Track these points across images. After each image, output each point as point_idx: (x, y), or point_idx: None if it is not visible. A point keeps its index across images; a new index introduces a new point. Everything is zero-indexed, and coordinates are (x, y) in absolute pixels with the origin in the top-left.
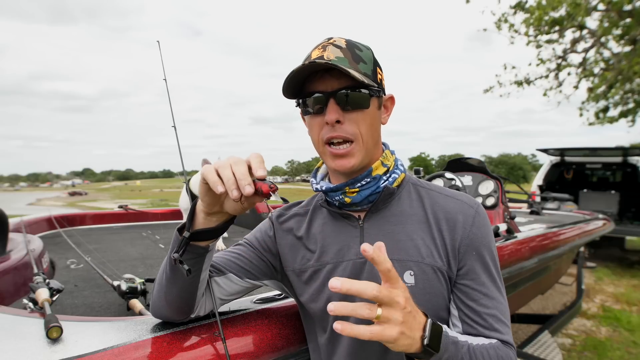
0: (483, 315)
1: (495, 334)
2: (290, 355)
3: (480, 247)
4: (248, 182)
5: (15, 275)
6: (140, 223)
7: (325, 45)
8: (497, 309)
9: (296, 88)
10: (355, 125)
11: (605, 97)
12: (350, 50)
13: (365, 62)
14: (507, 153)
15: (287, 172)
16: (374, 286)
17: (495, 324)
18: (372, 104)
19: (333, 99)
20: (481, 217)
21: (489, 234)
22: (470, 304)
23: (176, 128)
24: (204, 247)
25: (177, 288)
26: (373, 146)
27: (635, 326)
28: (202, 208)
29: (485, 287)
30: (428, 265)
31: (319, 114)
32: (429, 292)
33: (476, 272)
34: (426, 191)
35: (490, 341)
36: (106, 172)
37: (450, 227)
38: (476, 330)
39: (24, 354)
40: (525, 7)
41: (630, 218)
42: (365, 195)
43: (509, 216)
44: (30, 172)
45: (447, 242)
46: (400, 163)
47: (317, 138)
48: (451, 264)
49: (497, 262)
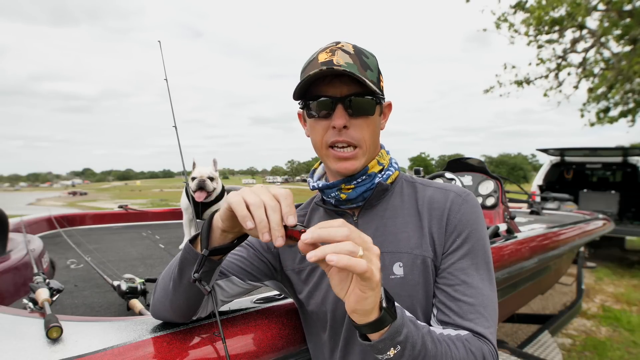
0: (457, 302)
1: (468, 323)
2: (290, 355)
3: (466, 233)
4: (281, 234)
5: (15, 275)
6: (140, 223)
7: (333, 49)
8: (476, 298)
9: (302, 90)
10: (360, 131)
11: (605, 98)
12: (359, 56)
13: (371, 69)
14: (507, 153)
15: (287, 172)
16: (344, 229)
17: (470, 314)
18: (375, 111)
19: (341, 105)
20: (469, 205)
21: (478, 223)
22: (446, 290)
23: (177, 128)
24: (216, 262)
25: (184, 297)
26: (374, 150)
27: (635, 326)
28: (220, 226)
29: (466, 274)
30: (418, 255)
31: (324, 118)
32: (417, 283)
33: (457, 258)
34: (420, 187)
35: (459, 332)
36: (106, 172)
37: (438, 215)
38: (448, 317)
39: (24, 354)
40: (525, 7)
41: (630, 218)
42: (360, 191)
43: (509, 216)
44: (30, 172)
45: (435, 230)
46: (395, 162)
47: (320, 140)
48: (437, 252)
49: (486, 252)
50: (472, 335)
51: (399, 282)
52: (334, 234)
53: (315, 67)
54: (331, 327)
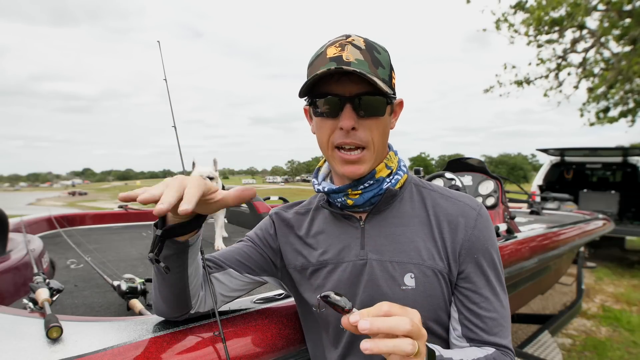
0: (483, 318)
1: (495, 338)
2: (290, 355)
3: (482, 250)
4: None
5: (15, 275)
6: (140, 223)
7: (343, 43)
8: (498, 312)
9: (309, 86)
10: (369, 132)
11: (605, 98)
12: (370, 52)
13: (383, 66)
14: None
15: (287, 172)
16: (406, 321)
17: (494, 328)
18: (386, 111)
19: (350, 105)
20: (483, 219)
21: (491, 237)
22: (470, 307)
23: (176, 128)
24: (183, 242)
25: (167, 285)
26: (382, 152)
27: (635, 326)
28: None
29: (486, 290)
30: (429, 267)
31: (331, 117)
32: (429, 295)
33: (478, 275)
34: (428, 192)
35: (487, 353)
36: (106, 172)
37: (451, 229)
38: (475, 333)
39: (24, 354)
40: (525, 7)
41: (630, 218)
42: (367, 197)
43: (509, 216)
44: (31, 172)
45: (448, 244)
46: (403, 164)
47: (326, 141)
48: (452, 266)
49: (499, 265)
50: (497, 350)
51: (410, 293)
52: (395, 327)
53: (324, 62)
54: (334, 327)
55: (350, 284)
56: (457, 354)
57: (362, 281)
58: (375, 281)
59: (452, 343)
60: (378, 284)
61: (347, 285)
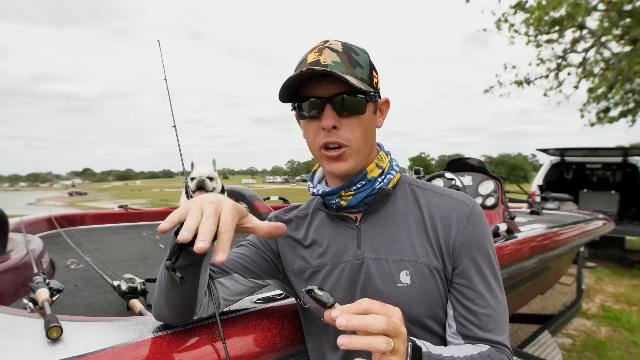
0: (478, 315)
1: (490, 334)
2: (290, 355)
3: (477, 246)
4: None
5: (15, 275)
6: (140, 223)
7: (321, 48)
8: (493, 309)
9: (292, 92)
10: (351, 130)
11: (605, 98)
12: (347, 54)
13: (361, 66)
14: (507, 153)
15: (287, 172)
16: (382, 319)
17: (490, 325)
18: (368, 109)
19: (330, 105)
20: (477, 215)
21: (486, 233)
22: (465, 304)
23: (176, 128)
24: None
25: (176, 292)
26: (368, 150)
27: (635, 326)
28: None
29: (481, 286)
30: (424, 264)
31: (315, 119)
32: (425, 292)
33: (473, 271)
34: (422, 190)
35: (481, 350)
36: (106, 172)
37: (444, 225)
38: (469, 330)
39: (24, 354)
40: (525, 7)
41: (630, 218)
42: (360, 197)
43: (509, 216)
44: (31, 172)
45: (442, 240)
46: (396, 164)
47: (313, 142)
48: (446, 263)
49: (495, 261)
50: (492, 347)
51: (406, 290)
52: (370, 326)
53: (304, 68)
54: (335, 331)
55: (348, 284)
56: (448, 350)
57: (359, 280)
58: (371, 279)
59: (448, 340)
60: (374, 282)
61: (345, 286)
